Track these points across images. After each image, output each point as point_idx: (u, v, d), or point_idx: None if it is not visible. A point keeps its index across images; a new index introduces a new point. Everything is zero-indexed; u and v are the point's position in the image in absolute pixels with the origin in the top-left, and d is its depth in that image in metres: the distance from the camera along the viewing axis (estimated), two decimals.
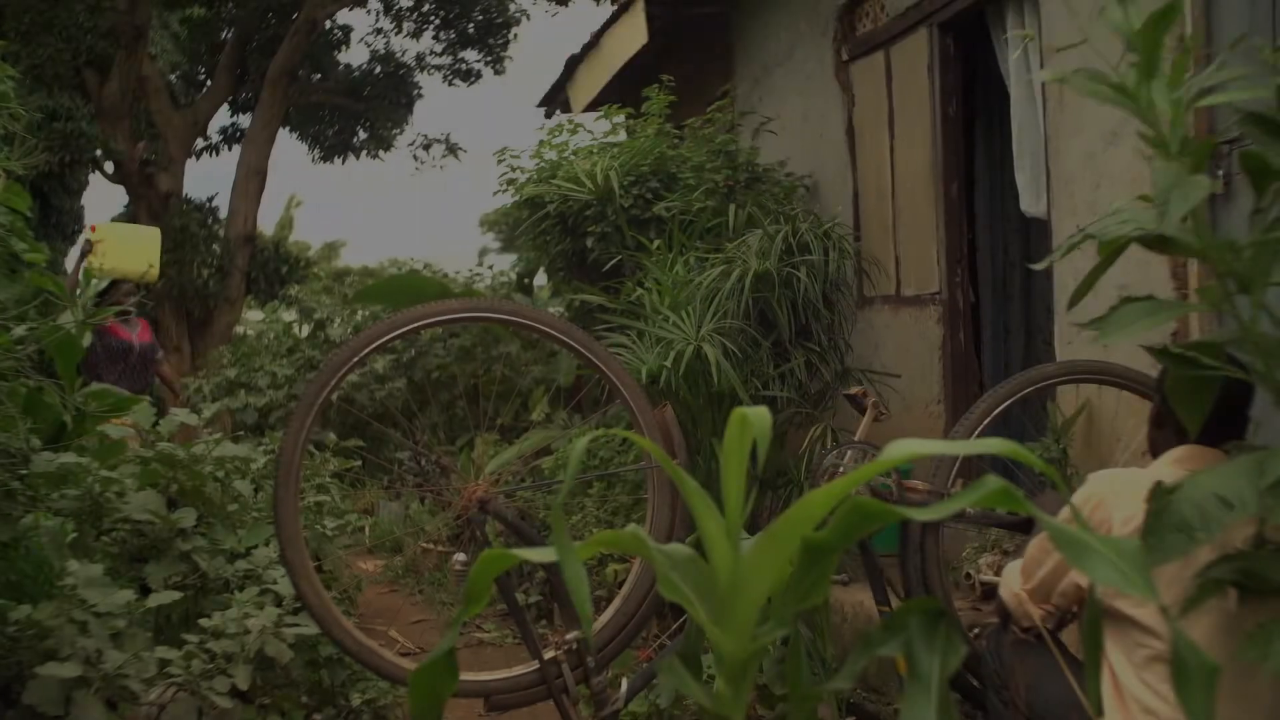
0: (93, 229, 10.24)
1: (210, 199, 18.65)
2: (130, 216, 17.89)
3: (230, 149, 21.72)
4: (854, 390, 5.49)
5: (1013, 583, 3.93)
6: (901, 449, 1.96)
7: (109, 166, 18.13)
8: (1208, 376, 2.97)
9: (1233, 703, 3.21)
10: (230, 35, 19.96)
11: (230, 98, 20.36)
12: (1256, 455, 2.76)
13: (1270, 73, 2.78)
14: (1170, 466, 3.46)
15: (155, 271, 10.62)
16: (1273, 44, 2.93)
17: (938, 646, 1.99)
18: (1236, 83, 2.76)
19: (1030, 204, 6.95)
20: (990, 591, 5.99)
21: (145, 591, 4.98)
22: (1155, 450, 3.76)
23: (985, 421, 4.77)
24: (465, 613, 2.12)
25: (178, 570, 5.16)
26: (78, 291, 10.08)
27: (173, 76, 21.15)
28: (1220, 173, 5.06)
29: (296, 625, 4.93)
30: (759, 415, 2.04)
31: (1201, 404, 3.08)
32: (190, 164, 18.97)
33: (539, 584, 7.95)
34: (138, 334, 10.30)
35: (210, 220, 18.44)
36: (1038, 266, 3.62)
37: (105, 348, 10.00)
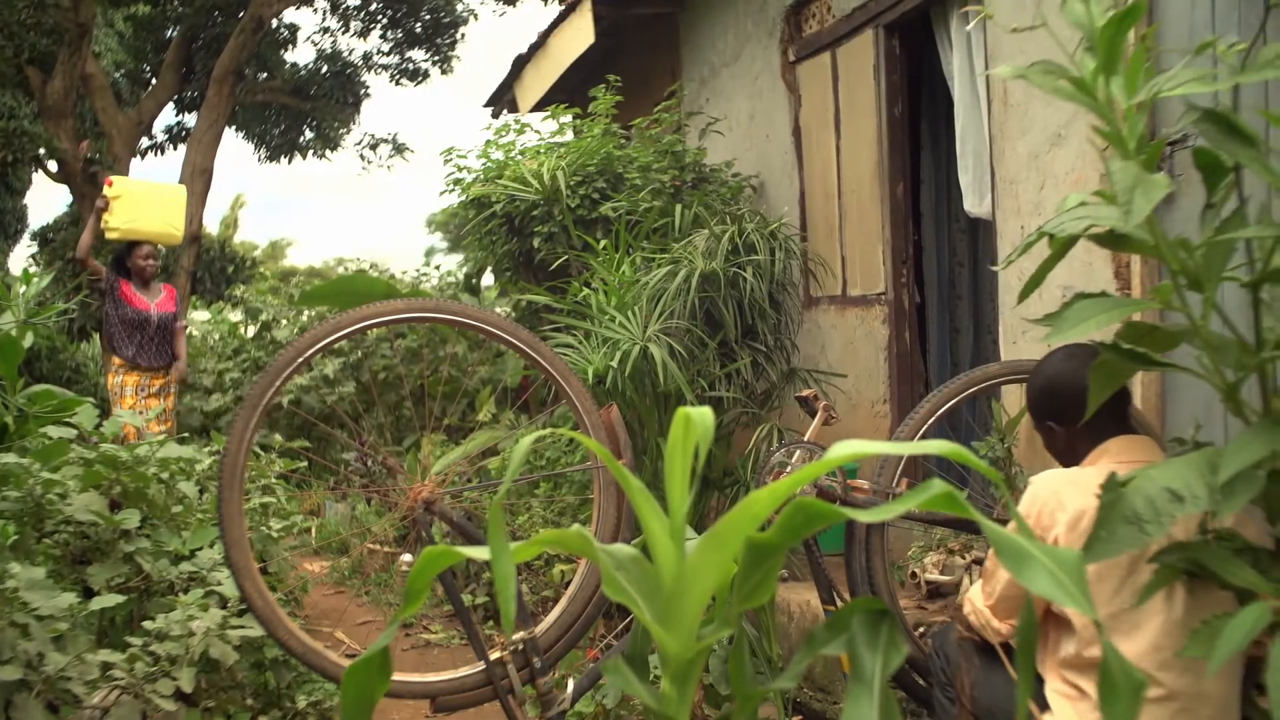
0: (109, 183, 9.89)
1: None
2: (74, 216, 17.74)
3: (175, 148, 21.67)
4: (805, 393, 5.49)
5: (975, 598, 3.93)
6: (846, 449, 1.96)
7: (52, 165, 17.99)
8: (1133, 364, 3.01)
9: (1183, 703, 3.24)
10: (176, 33, 19.84)
11: (176, 96, 20.25)
12: (1206, 451, 2.79)
13: (1224, 71, 2.81)
14: (1114, 461, 3.48)
15: (179, 234, 10.30)
16: (1227, 46, 2.96)
17: (880, 646, 2.00)
18: (1193, 80, 2.78)
19: (974, 204, 6.98)
20: (935, 590, 6.02)
21: (88, 594, 4.94)
22: (1067, 445, 3.78)
23: (929, 421, 4.78)
24: (404, 611, 2.12)
25: (121, 572, 5.12)
26: (83, 254, 9.79)
27: (117, 75, 21.04)
28: (1164, 172, 5.10)
29: (241, 627, 4.90)
30: (702, 415, 2.04)
31: (1111, 388, 3.13)
32: (135, 163, 18.85)
33: (486, 585, 7.94)
34: (158, 302, 9.91)
35: None
36: (997, 268, 3.66)
37: (120, 318, 9.67)
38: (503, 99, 14.17)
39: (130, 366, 9.67)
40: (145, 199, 9.90)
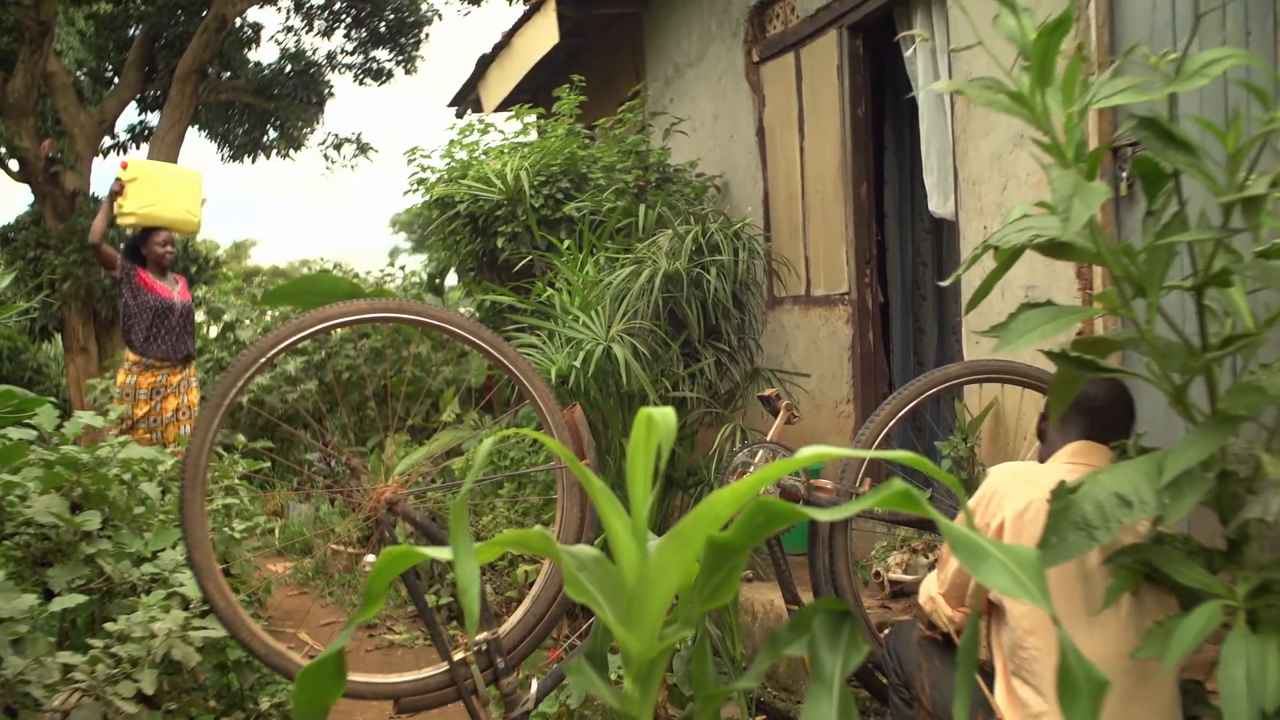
0: (124, 166, 9.49)
1: None
2: (35, 215, 17.62)
3: (138, 147, 21.48)
4: (768, 392, 5.51)
5: (929, 587, 3.98)
6: (810, 452, 1.98)
7: (13, 164, 17.86)
8: (1083, 372, 3.05)
9: (1132, 705, 3.27)
10: (138, 32, 19.70)
11: (138, 95, 20.11)
12: (1154, 455, 2.82)
13: (1161, 80, 2.83)
14: (1066, 463, 3.54)
15: (196, 221, 9.84)
16: (1170, 50, 3.00)
17: (841, 646, 2.01)
18: (1128, 89, 2.81)
19: (938, 205, 7.00)
20: (899, 589, 6.04)
21: (49, 596, 4.91)
22: (1044, 437, 3.86)
23: (892, 422, 4.80)
24: (362, 613, 2.12)
25: (82, 574, 5.07)
26: (95, 239, 9.47)
27: (79, 73, 20.88)
28: (1124, 175, 5.14)
29: (204, 628, 4.88)
30: (665, 415, 2.04)
31: (1069, 395, 3.18)
32: (97, 162, 18.68)
33: (449, 586, 7.92)
34: (178, 291, 9.49)
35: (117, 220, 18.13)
36: (944, 283, 3.69)
37: (140, 306, 9.21)
38: (467, 99, 14.14)
39: (144, 365, 9.20)
40: (162, 183, 9.53)
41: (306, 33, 21.30)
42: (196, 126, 21.66)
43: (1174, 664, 2.71)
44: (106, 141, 20.34)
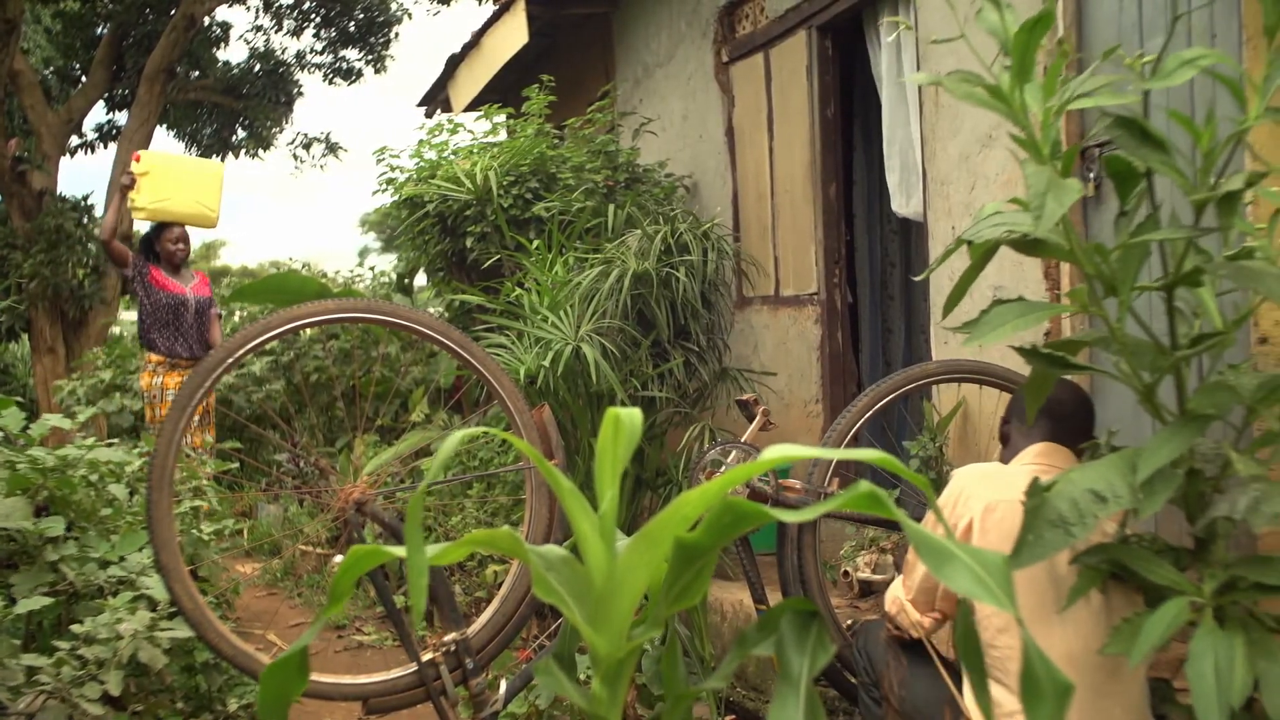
0: (137, 158, 9.24)
1: (85, 197, 18.20)
2: (2, 215, 17.51)
3: (106, 146, 21.38)
4: (745, 397, 5.51)
5: (896, 591, 3.98)
6: (780, 452, 1.97)
7: None
8: (1055, 371, 3.08)
9: (1103, 700, 3.28)
10: (106, 30, 19.60)
11: (106, 94, 20.02)
12: (1125, 453, 2.83)
13: (1136, 79, 2.85)
14: (1031, 463, 3.57)
15: (214, 215, 9.49)
16: (1141, 51, 3.01)
17: (808, 647, 2.00)
18: (1105, 89, 2.82)
19: (901, 205, 7.02)
20: (868, 589, 6.05)
21: (13, 599, 4.88)
22: (1006, 440, 3.90)
23: (862, 420, 4.81)
24: (327, 611, 2.11)
25: (46, 579, 5.04)
26: (105, 235, 9.27)
27: (46, 72, 20.77)
28: (1091, 175, 5.16)
29: (171, 630, 4.85)
30: (631, 416, 2.04)
31: (1043, 394, 3.21)
32: (65, 161, 18.59)
33: None
34: (193, 287, 9.27)
35: (85, 219, 17.96)
36: (918, 278, 3.71)
37: (153, 303, 9.01)
38: (436, 98, 14.12)
39: (169, 364, 9.07)
40: (176, 175, 9.22)
41: (276, 32, 21.26)
42: (165, 126, 21.58)
43: (1140, 658, 2.72)
44: (74, 140, 20.25)
